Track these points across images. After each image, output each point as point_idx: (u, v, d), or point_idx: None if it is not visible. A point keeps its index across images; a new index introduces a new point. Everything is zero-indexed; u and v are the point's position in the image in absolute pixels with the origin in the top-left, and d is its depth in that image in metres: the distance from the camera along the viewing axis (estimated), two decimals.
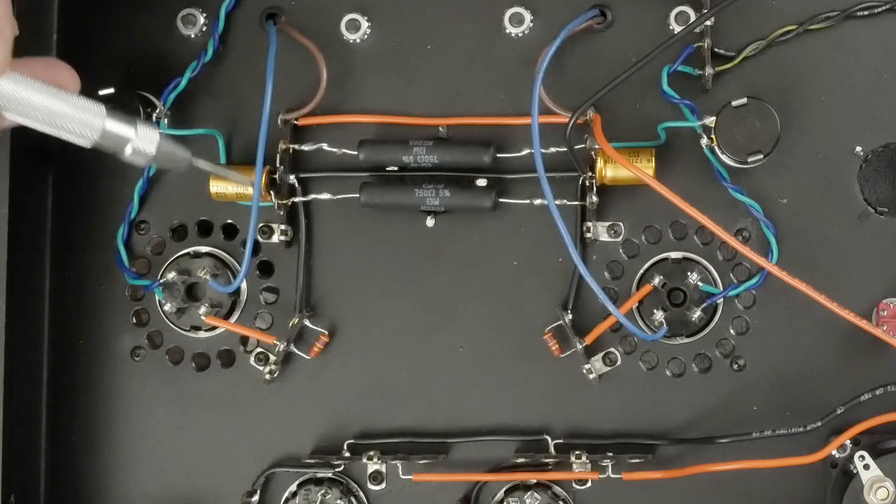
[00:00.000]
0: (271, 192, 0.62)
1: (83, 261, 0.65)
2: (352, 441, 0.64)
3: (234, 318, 0.65)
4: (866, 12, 0.61)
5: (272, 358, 0.63)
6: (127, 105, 0.62)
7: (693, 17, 0.62)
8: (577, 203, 0.62)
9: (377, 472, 0.63)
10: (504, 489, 0.63)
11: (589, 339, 0.62)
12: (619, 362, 0.63)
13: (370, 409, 0.64)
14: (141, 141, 0.52)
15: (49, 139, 0.64)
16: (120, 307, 0.65)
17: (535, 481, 0.63)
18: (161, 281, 0.64)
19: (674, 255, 0.63)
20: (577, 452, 0.62)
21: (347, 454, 0.63)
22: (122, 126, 0.51)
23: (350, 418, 0.64)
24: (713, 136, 0.59)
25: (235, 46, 0.64)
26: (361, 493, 0.64)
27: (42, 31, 0.62)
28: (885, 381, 0.60)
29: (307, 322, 0.63)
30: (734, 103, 0.58)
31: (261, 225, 0.64)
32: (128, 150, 0.52)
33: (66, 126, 0.51)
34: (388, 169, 0.63)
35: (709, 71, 0.60)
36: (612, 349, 0.63)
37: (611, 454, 0.62)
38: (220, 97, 0.64)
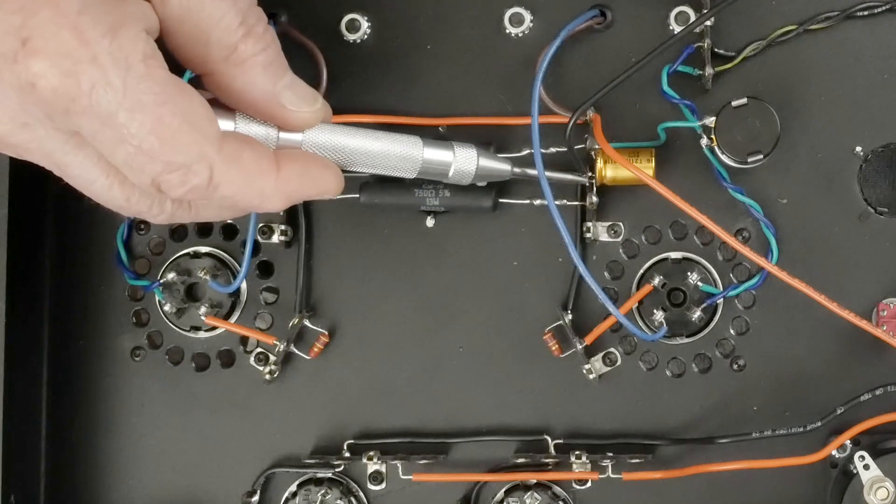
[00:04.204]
0: None
1: (83, 261, 0.65)
2: (352, 441, 0.64)
3: (234, 318, 0.65)
4: (866, 12, 0.61)
5: (272, 358, 0.63)
6: None
7: (693, 17, 0.62)
8: (577, 203, 0.62)
9: (377, 472, 0.63)
10: (504, 489, 0.63)
11: (589, 339, 0.62)
12: (619, 362, 0.63)
13: (370, 409, 0.64)
14: (460, 162, 0.52)
15: None
16: (120, 307, 0.65)
17: (535, 481, 0.63)
18: (161, 281, 0.64)
19: (674, 255, 0.63)
20: (577, 452, 0.61)
21: (347, 454, 0.63)
22: (440, 152, 0.52)
23: (350, 418, 0.64)
24: (713, 136, 0.59)
25: None
26: (361, 493, 0.64)
27: None
28: (885, 381, 0.60)
29: (307, 322, 0.63)
30: (734, 103, 0.58)
31: (261, 225, 0.64)
32: (450, 173, 0.52)
33: (389, 164, 0.52)
34: None
35: (709, 71, 0.60)
36: (612, 349, 0.63)
37: (611, 454, 0.62)
38: None
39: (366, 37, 0.63)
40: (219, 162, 0.44)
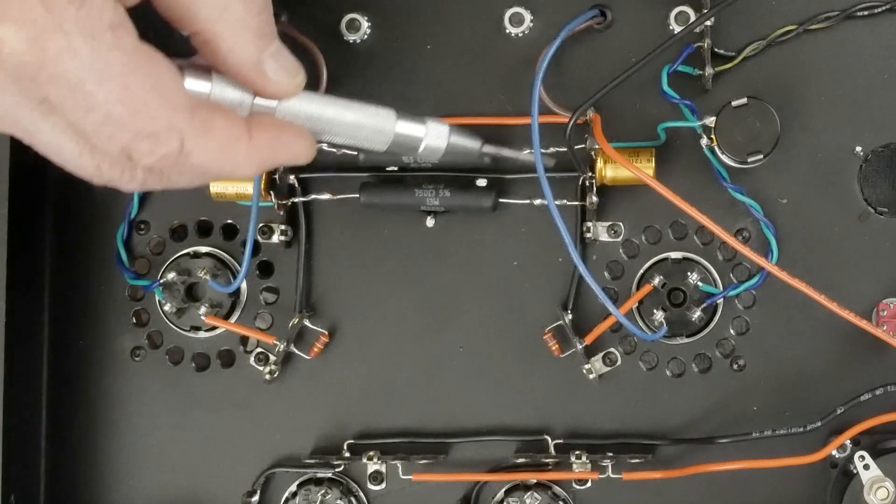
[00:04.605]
0: (271, 192, 0.62)
1: (83, 261, 0.65)
2: (352, 441, 0.64)
3: (234, 318, 0.65)
4: (866, 12, 0.61)
5: (272, 358, 0.63)
6: None
7: (693, 17, 0.62)
8: (577, 203, 0.62)
9: (377, 472, 0.63)
10: (504, 489, 0.63)
11: (589, 339, 0.62)
12: (619, 362, 0.63)
13: (370, 409, 0.64)
14: (432, 137, 0.51)
15: None
16: (120, 307, 0.65)
17: (535, 481, 0.63)
18: (161, 281, 0.64)
19: (674, 255, 0.63)
20: (577, 452, 0.62)
21: (347, 454, 0.63)
22: (413, 126, 0.51)
23: (350, 418, 0.64)
24: (713, 136, 0.59)
25: None
26: (361, 493, 0.64)
27: None
28: (885, 381, 0.60)
29: (307, 322, 0.63)
30: (734, 103, 0.58)
31: (261, 225, 0.64)
32: (420, 148, 0.51)
33: (361, 135, 0.50)
34: (388, 169, 0.63)
35: (709, 71, 0.60)
36: (612, 349, 0.63)
37: (611, 454, 0.62)
38: None
39: (366, 37, 0.63)
40: (189, 130, 0.44)
